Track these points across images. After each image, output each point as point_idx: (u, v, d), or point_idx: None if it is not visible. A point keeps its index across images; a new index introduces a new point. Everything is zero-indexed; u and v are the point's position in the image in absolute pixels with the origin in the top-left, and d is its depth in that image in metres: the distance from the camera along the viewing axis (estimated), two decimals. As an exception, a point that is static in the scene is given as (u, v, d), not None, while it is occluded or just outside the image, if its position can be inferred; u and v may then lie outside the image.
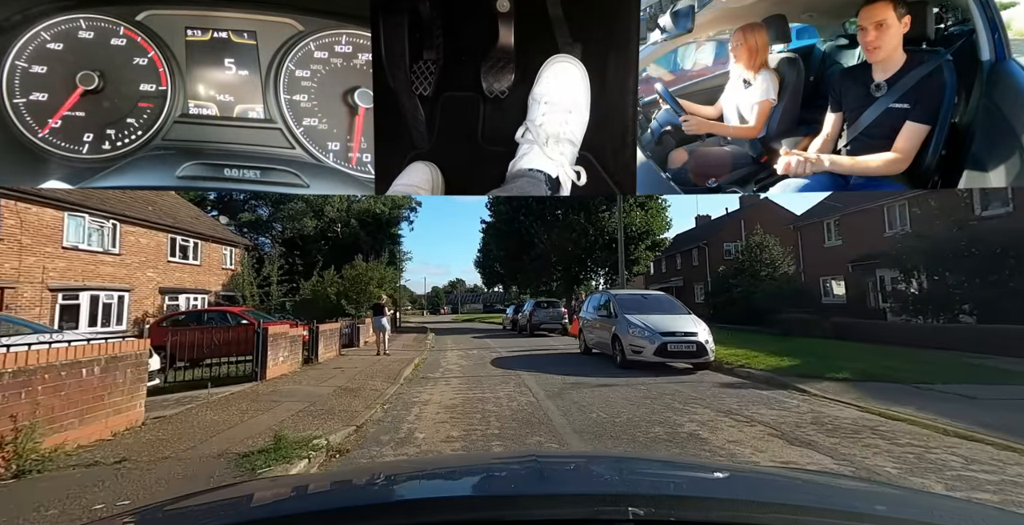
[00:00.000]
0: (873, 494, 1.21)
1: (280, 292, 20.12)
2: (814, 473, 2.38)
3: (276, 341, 8.65)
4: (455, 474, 1.31)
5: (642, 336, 9.12)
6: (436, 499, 1.04)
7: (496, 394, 7.02)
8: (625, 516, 0.70)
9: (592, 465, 1.48)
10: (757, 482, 1.28)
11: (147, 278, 16.62)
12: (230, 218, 29.03)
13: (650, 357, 8.92)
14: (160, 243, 17.30)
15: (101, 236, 14.83)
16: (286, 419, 5.38)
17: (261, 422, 5.25)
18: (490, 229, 33.64)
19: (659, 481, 1.22)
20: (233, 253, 22.21)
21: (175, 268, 18.16)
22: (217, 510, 1.07)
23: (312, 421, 5.31)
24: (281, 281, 20.20)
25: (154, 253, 17.02)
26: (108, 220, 14.97)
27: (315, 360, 10.63)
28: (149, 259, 16.76)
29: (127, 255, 15.77)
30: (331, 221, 29.53)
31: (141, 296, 16.23)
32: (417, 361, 11.22)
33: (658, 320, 9.36)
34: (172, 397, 6.75)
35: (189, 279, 18.99)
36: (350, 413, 5.74)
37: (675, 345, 8.89)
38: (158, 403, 6.16)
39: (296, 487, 1.30)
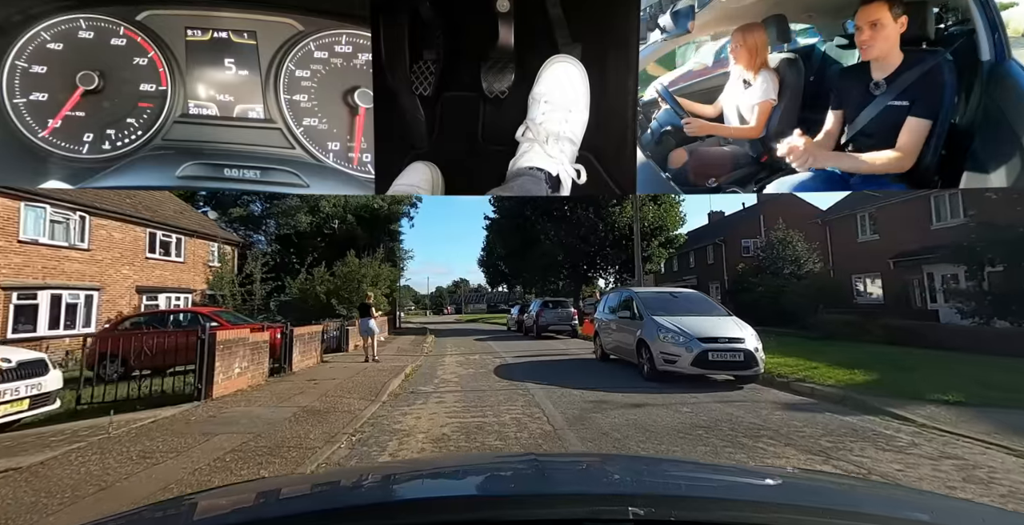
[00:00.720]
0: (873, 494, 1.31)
1: (264, 291, 20.03)
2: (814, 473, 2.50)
3: (229, 349, 7.58)
4: (455, 474, 1.42)
5: (676, 342, 8.19)
6: (436, 499, 1.12)
7: (500, 418, 5.95)
8: (625, 516, 0.75)
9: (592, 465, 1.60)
10: (757, 482, 1.38)
11: (122, 276, 16.51)
12: (221, 213, 29.13)
13: (686, 368, 7.97)
14: (138, 238, 17.25)
15: (66, 229, 14.44)
16: (204, 467, 4.21)
17: (162, 475, 4.01)
18: (494, 226, 34.00)
19: (659, 481, 1.31)
20: (222, 250, 22.17)
21: (155, 265, 18.11)
22: (217, 510, 1.15)
23: (242, 468, 4.18)
24: (266, 279, 20.11)
25: (130, 249, 16.92)
26: (75, 212, 14.58)
27: (288, 370, 9.84)
28: (124, 255, 16.64)
29: (98, 250, 15.51)
30: (327, 217, 29.70)
31: (115, 295, 16.06)
32: (409, 370, 10.43)
33: (694, 323, 8.50)
34: (70, 427, 5.55)
35: (171, 277, 18.94)
36: (302, 451, 4.62)
37: (718, 354, 7.90)
38: (41, 439, 5.07)
39: (296, 487, 1.40)
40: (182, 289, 19.39)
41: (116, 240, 16.35)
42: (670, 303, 9.72)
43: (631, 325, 9.69)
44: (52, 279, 14.00)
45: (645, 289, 11.71)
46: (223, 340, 7.48)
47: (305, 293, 18.37)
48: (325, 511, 0.99)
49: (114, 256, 16.26)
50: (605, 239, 26.54)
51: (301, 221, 28.70)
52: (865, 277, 22.20)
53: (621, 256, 27.25)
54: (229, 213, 29.13)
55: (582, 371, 10.10)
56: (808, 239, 24.70)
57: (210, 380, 7.11)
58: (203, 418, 6.08)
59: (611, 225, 26.23)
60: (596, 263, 29.24)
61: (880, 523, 0.91)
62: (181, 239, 19.62)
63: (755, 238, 30.77)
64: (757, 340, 8.24)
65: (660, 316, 8.90)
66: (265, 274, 20.11)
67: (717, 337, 8.06)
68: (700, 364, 7.91)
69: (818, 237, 24.76)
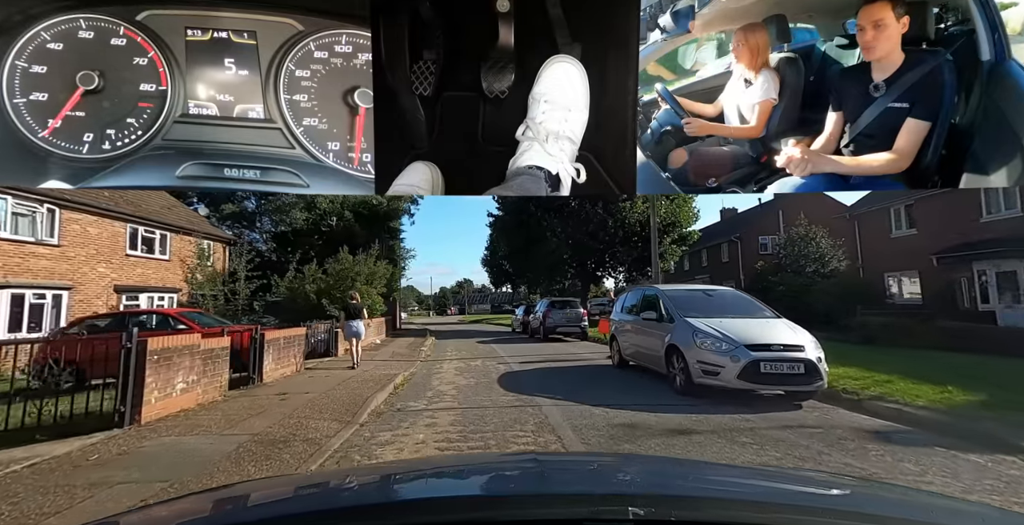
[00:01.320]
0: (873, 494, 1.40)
1: (249, 290, 19.90)
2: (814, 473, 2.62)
3: (168, 361, 6.65)
4: (455, 474, 1.53)
5: (718, 350, 7.25)
6: (436, 499, 1.19)
7: (507, 450, 5.09)
8: (625, 516, 0.80)
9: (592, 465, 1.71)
10: (757, 482, 1.49)
11: (97, 274, 16.37)
12: (213, 210, 29.12)
13: (731, 382, 6.98)
14: (116, 233, 17.18)
15: (32, 223, 14.14)
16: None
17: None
18: (497, 223, 34.35)
19: (659, 481, 1.40)
20: (212, 248, 22.04)
21: (136, 263, 18.05)
22: (217, 510, 1.22)
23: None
24: (251, 277, 19.98)
25: (108, 245, 16.82)
26: (41, 204, 14.25)
27: (258, 381, 9.14)
28: (101, 252, 16.53)
29: (69, 247, 15.33)
30: (324, 213, 29.82)
31: (90, 295, 15.94)
32: (401, 379, 9.81)
33: (737, 326, 7.60)
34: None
35: (155, 276, 18.87)
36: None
37: (772, 365, 6.86)
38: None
39: (296, 487, 1.49)
40: (167, 289, 19.31)
41: (91, 235, 16.23)
42: (704, 302, 8.88)
43: (657, 328, 8.95)
44: (14, 277, 13.72)
45: (672, 286, 10.72)
46: (159, 349, 6.51)
47: (294, 292, 18.29)
48: (325, 511, 1.06)
49: (89, 253, 16.13)
50: (615, 236, 26.64)
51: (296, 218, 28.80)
52: (900, 275, 21.85)
53: (632, 254, 27.40)
54: (221, 210, 29.15)
55: (599, 381, 9.45)
56: (832, 235, 24.77)
57: (138, 400, 6.03)
58: (110, 456, 4.90)
59: (621, 221, 26.33)
60: (605, 261, 29.39)
61: (880, 523, 0.97)
62: (166, 235, 19.55)
63: (773, 235, 30.97)
64: (818, 348, 7.19)
65: (694, 318, 8.08)
66: (250, 272, 19.97)
67: (769, 344, 7.09)
68: (749, 377, 6.86)
69: (844, 233, 24.72)
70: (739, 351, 7.05)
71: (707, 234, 36.60)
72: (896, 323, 15.24)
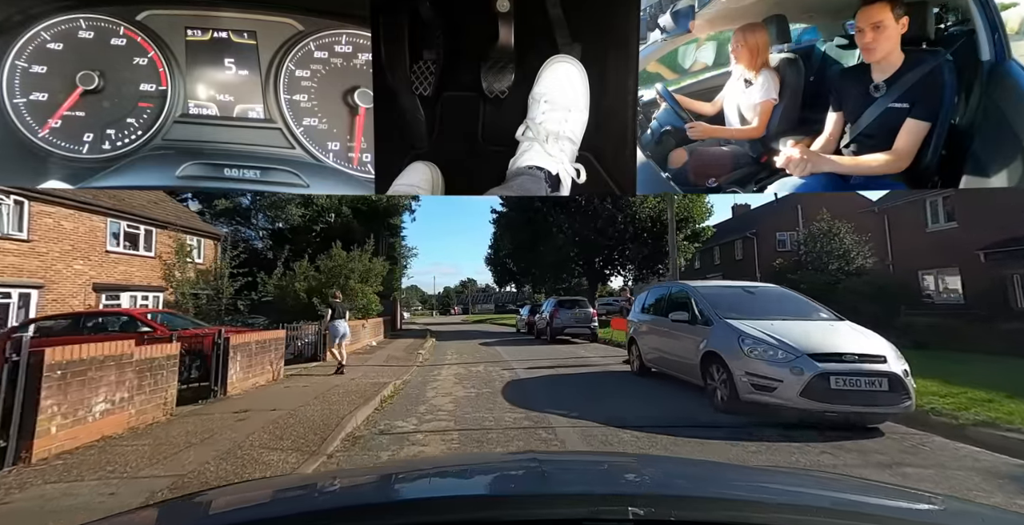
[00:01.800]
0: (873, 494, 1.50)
1: (233, 289, 19.74)
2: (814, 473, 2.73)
3: (76, 377, 5.40)
4: (455, 474, 1.62)
5: (773, 360, 6.15)
6: (436, 499, 1.25)
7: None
8: (625, 516, 0.84)
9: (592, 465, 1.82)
10: (757, 482, 1.59)
11: (73, 272, 16.15)
12: (206, 206, 29.02)
13: (792, 400, 5.84)
14: (95, 229, 17.03)
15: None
16: None
17: None
18: (501, 219, 34.58)
19: (659, 481, 1.48)
20: (204, 245, 22.03)
21: (118, 260, 17.91)
22: (217, 510, 1.27)
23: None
24: (236, 275, 19.84)
25: (85, 241, 16.64)
26: (8, 196, 13.97)
27: (221, 393, 8.23)
28: (78, 248, 16.33)
29: (40, 242, 15.10)
30: (321, 210, 29.95)
31: (64, 294, 15.76)
32: (391, 390, 9.05)
33: (794, 331, 6.54)
34: None
35: (139, 274, 18.75)
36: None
37: (846, 379, 5.73)
38: None
39: (297, 487, 1.60)
40: (152, 288, 19.18)
41: (66, 230, 16.01)
42: (746, 301, 7.94)
43: (689, 331, 8.03)
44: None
45: (703, 283, 9.52)
46: (64, 362, 5.23)
47: (283, 291, 18.23)
48: (325, 511, 1.12)
49: (63, 249, 15.91)
50: (624, 232, 26.73)
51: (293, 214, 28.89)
52: (937, 272, 21.11)
53: (642, 251, 27.52)
54: (215, 206, 29.12)
55: (621, 392, 8.58)
56: (858, 230, 24.73)
57: (27, 432, 4.83)
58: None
59: (631, 216, 26.41)
60: (614, 259, 29.51)
61: (880, 523, 1.02)
62: (152, 231, 19.40)
63: (792, 231, 31.01)
64: (901, 359, 6.07)
65: (736, 320, 7.13)
66: (235, 269, 19.79)
67: (840, 353, 5.97)
68: (817, 395, 5.74)
69: (871, 228, 24.32)
70: (801, 361, 5.92)
71: (720, 231, 36.58)
72: (942, 324, 14.54)
